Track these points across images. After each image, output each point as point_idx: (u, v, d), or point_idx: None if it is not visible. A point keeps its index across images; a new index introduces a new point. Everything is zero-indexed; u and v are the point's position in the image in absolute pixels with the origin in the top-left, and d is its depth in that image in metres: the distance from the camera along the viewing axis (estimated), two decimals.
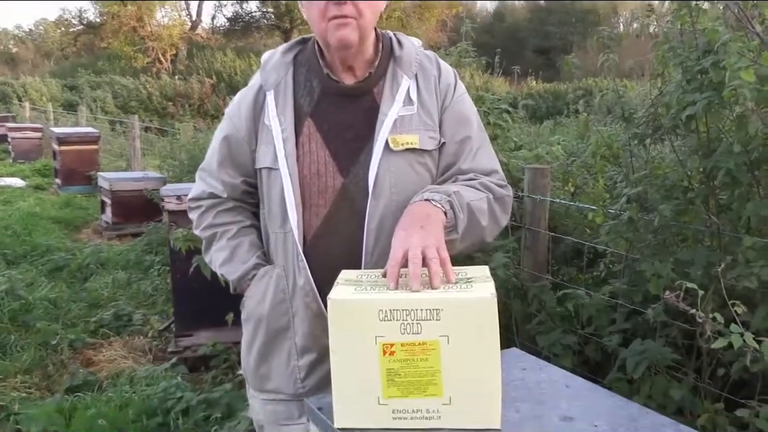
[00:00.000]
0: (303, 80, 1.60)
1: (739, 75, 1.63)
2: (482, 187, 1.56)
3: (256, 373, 1.69)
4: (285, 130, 1.56)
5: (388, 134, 1.53)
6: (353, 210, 1.55)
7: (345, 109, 1.57)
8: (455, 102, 1.62)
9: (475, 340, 1.21)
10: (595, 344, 2.67)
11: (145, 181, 7.12)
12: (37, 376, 3.84)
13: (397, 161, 1.54)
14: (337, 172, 1.55)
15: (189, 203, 1.80)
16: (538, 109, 17.81)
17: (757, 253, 1.97)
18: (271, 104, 1.58)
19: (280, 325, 1.63)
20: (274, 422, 1.69)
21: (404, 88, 1.57)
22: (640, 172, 2.47)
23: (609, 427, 1.23)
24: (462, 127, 1.62)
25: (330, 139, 1.56)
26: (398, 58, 1.60)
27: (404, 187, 1.54)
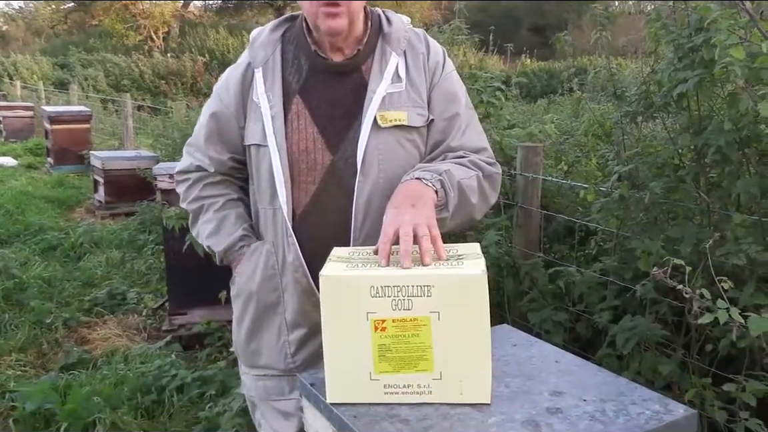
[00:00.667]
0: (291, 57, 1.60)
1: (728, 52, 1.64)
2: (472, 165, 1.57)
3: (247, 350, 1.71)
4: (273, 106, 1.56)
5: (377, 111, 1.54)
6: (342, 186, 1.56)
7: (333, 86, 1.58)
8: (444, 79, 1.63)
9: (465, 316, 1.22)
10: (586, 321, 2.69)
11: (138, 160, 7.09)
12: (31, 355, 3.85)
13: (385, 138, 1.55)
14: (325, 149, 1.56)
15: (176, 176, 1.80)
16: (532, 87, 17.75)
17: (746, 231, 1.98)
18: (260, 81, 1.59)
19: (270, 300, 1.64)
20: (266, 398, 1.71)
21: (393, 65, 1.58)
22: (631, 150, 2.48)
23: (597, 401, 1.25)
24: (451, 104, 1.62)
25: (318, 116, 1.57)
26: (387, 35, 1.61)
27: (392, 163, 1.55)
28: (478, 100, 3.15)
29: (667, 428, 1.17)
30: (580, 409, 1.22)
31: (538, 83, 18.97)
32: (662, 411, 1.21)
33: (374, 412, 1.23)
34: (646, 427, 1.16)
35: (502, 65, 16.02)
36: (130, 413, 3.08)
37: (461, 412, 1.23)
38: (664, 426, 1.17)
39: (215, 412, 2.97)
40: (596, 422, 1.17)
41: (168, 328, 4.05)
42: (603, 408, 1.22)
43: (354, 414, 1.23)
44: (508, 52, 5.88)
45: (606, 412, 1.21)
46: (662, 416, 1.19)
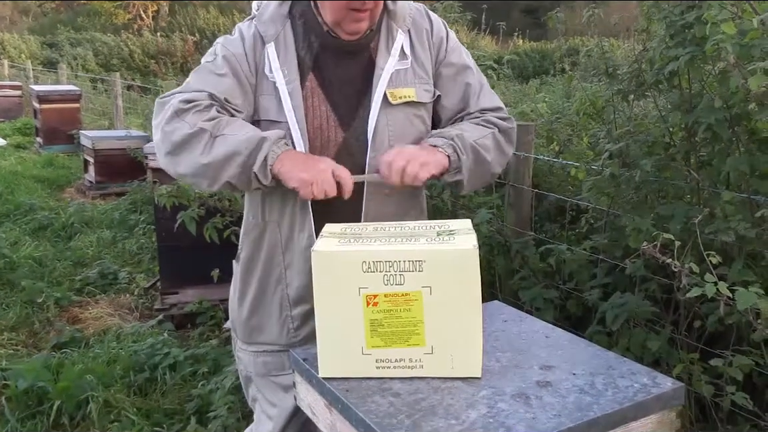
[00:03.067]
0: (302, 33, 1.59)
1: (719, 28, 1.64)
2: (486, 123, 1.63)
3: (248, 324, 1.72)
4: (290, 82, 1.55)
5: (386, 88, 1.57)
6: (354, 164, 1.56)
7: (344, 64, 1.59)
8: (450, 53, 1.67)
9: (457, 291, 1.23)
10: (577, 299, 2.71)
11: (128, 139, 7.05)
12: (23, 334, 3.85)
13: (395, 114, 1.58)
14: (338, 127, 1.58)
15: (180, 104, 1.50)
16: (525, 68, 17.68)
17: (735, 208, 2.00)
18: (273, 56, 1.56)
19: (272, 276, 1.65)
20: (265, 374, 1.72)
21: (399, 43, 1.60)
22: (622, 129, 2.49)
23: (587, 374, 1.27)
24: (460, 75, 1.67)
25: (331, 94, 1.58)
26: (392, 12, 1.62)
27: (402, 139, 1.59)
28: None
29: (655, 400, 1.19)
30: (569, 383, 1.24)
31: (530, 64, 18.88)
32: (650, 384, 1.23)
33: (366, 386, 1.25)
34: (634, 400, 1.18)
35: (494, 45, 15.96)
36: (123, 391, 3.08)
37: (452, 386, 1.24)
38: (652, 398, 1.19)
39: (208, 390, 2.98)
40: (585, 395, 1.19)
41: (160, 307, 4.05)
42: (592, 381, 1.24)
43: (346, 388, 1.24)
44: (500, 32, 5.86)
45: (595, 385, 1.22)
46: (650, 389, 1.21)
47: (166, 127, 1.50)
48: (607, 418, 1.14)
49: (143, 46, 22.66)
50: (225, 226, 3.29)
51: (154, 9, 29.45)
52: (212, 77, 1.55)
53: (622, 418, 1.16)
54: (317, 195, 1.43)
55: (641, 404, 1.18)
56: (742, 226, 1.91)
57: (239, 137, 1.45)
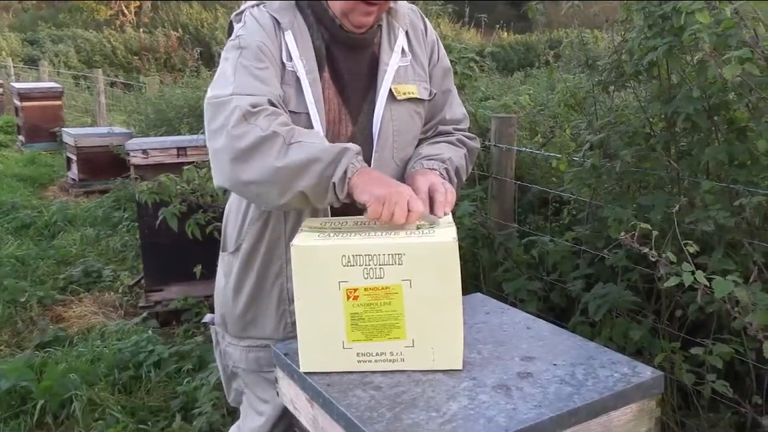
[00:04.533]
0: (313, 24, 1.57)
1: (694, 17, 1.65)
2: (459, 144, 1.71)
3: (243, 319, 1.69)
4: (310, 72, 1.52)
5: (391, 84, 1.59)
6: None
7: (352, 58, 1.60)
8: (441, 57, 1.73)
9: (436, 283, 1.24)
10: (560, 290, 2.72)
11: (111, 136, 6.99)
12: (6, 333, 3.82)
13: (399, 110, 1.60)
14: (348, 120, 1.59)
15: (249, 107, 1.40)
16: (509, 60, 17.71)
17: (714, 198, 2.01)
18: (292, 45, 1.52)
19: (271, 270, 1.64)
20: (257, 370, 1.70)
21: (401, 40, 1.63)
22: (603, 119, 2.50)
23: (568, 365, 1.28)
24: (446, 79, 1.75)
25: (342, 87, 1.58)
26: (393, 10, 1.64)
27: (405, 134, 1.63)
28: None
29: (635, 389, 1.20)
30: (550, 373, 1.24)
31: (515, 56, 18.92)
32: (630, 373, 1.24)
33: (347, 380, 1.25)
34: (614, 389, 1.19)
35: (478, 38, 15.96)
36: (107, 389, 3.07)
37: (433, 378, 1.25)
38: (632, 387, 1.20)
39: (193, 387, 2.97)
40: (566, 385, 1.20)
41: (144, 304, 4.03)
42: (573, 372, 1.25)
43: (327, 382, 1.24)
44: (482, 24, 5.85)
45: (576, 376, 1.23)
46: (630, 378, 1.22)
47: (233, 131, 1.38)
48: (588, 408, 1.15)
49: (126, 42, 22.45)
50: (207, 222, 3.27)
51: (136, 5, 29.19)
52: (259, 75, 1.47)
53: (602, 408, 1.16)
54: (385, 216, 1.32)
55: (621, 393, 1.19)
56: (721, 215, 1.92)
57: (318, 146, 1.37)
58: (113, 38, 22.43)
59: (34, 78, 14.02)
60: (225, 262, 1.74)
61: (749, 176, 2.03)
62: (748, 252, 2.02)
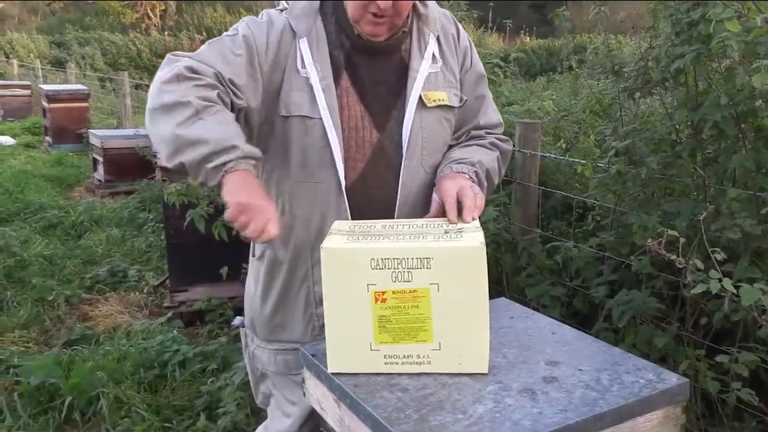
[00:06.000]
0: (334, 31, 1.58)
1: (724, 26, 1.65)
2: (492, 147, 1.69)
3: (271, 322, 1.71)
4: (324, 79, 1.54)
5: (421, 90, 1.58)
6: (388, 164, 1.58)
7: (376, 65, 1.59)
8: (475, 62, 1.71)
9: (464, 287, 1.25)
10: (583, 296, 2.72)
11: (137, 138, 7.08)
12: (34, 331, 3.89)
13: (428, 117, 1.60)
14: (373, 127, 1.58)
15: (185, 70, 1.46)
16: (532, 65, 17.64)
17: (741, 205, 2.00)
18: (306, 51, 1.54)
19: (298, 274, 1.65)
20: (285, 372, 1.72)
21: (431, 47, 1.62)
22: (629, 126, 2.49)
23: (593, 370, 1.28)
24: (479, 85, 1.72)
25: (365, 94, 1.58)
26: (423, 16, 1.63)
27: (434, 141, 1.62)
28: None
29: (661, 396, 1.20)
30: (575, 378, 1.25)
31: (537, 61, 18.84)
32: (655, 380, 1.24)
33: (374, 382, 1.26)
34: (639, 395, 1.19)
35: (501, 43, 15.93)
36: (133, 387, 3.11)
37: (459, 382, 1.26)
38: (657, 394, 1.20)
39: (217, 387, 3.01)
40: (591, 390, 1.20)
41: (169, 304, 4.08)
42: (598, 377, 1.25)
43: (355, 383, 1.26)
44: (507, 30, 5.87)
45: (601, 381, 1.24)
46: (655, 384, 1.22)
47: (162, 86, 1.45)
48: (613, 413, 1.15)
49: (151, 45, 22.73)
50: None
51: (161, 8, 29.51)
52: (226, 54, 1.51)
53: (627, 413, 1.17)
54: (238, 225, 1.35)
55: (647, 399, 1.19)
56: (748, 223, 1.91)
57: (217, 131, 1.39)
58: (138, 41, 22.73)
59: (62, 80, 14.22)
60: (254, 267, 1.76)
61: None
62: None
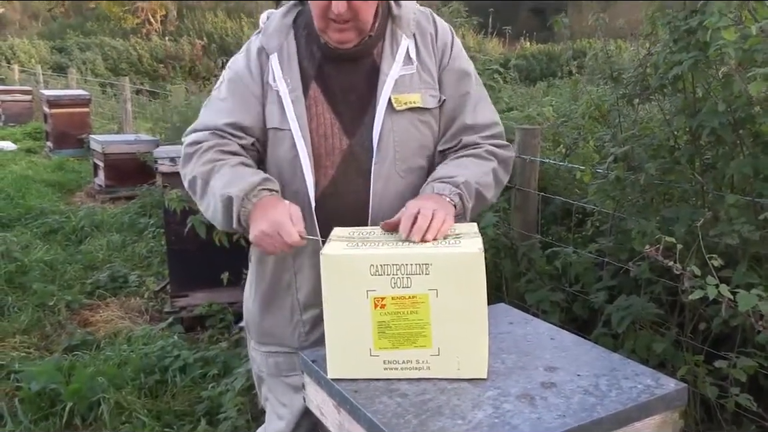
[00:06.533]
0: (305, 44, 1.61)
1: (720, 34, 1.66)
2: (488, 155, 1.62)
3: (260, 327, 1.74)
4: (293, 91, 1.57)
5: (390, 94, 1.57)
6: (359, 171, 1.58)
7: (347, 72, 1.60)
8: (453, 59, 1.66)
9: (463, 293, 1.26)
10: (583, 301, 2.73)
11: (138, 143, 7.10)
12: (35, 337, 3.89)
13: (399, 120, 1.58)
14: (343, 134, 1.59)
15: (186, 149, 1.62)
16: (532, 70, 17.68)
17: (739, 211, 2.01)
18: (276, 67, 1.59)
19: (282, 281, 1.67)
20: (277, 374, 1.74)
21: (404, 48, 1.60)
22: (627, 132, 2.51)
23: (591, 376, 1.29)
24: (461, 82, 1.66)
25: (335, 102, 1.60)
26: (396, 17, 1.62)
27: (408, 145, 1.60)
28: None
29: (659, 401, 1.21)
30: (574, 384, 1.26)
31: (537, 66, 18.87)
32: (654, 385, 1.25)
33: (374, 387, 1.27)
34: (638, 400, 1.20)
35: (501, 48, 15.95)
36: (134, 393, 3.12)
37: (458, 387, 1.27)
38: (655, 399, 1.21)
39: (218, 392, 3.01)
40: (590, 396, 1.21)
41: (170, 310, 4.09)
42: (596, 382, 1.26)
43: (354, 389, 1.27)
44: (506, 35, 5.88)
45: (599, 387, 1.25)
46: (654, 390, 1.23)
47: (181, 172, 1.65)
48: (611, 419, 1.16)
49: (152, 51, 22.78)
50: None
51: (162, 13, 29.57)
52: (216, 107, 1.64)
53: (626, 419, 1.18)
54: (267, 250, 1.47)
55: (645, 405, 1.20)
56: (746, 229, 1.92)
57: (218, 192, 1.50)
58: (139, 46, 22.77)
59: (63, 85, 14.26)
60: (249, 271, 1.79)
61: None
62: None
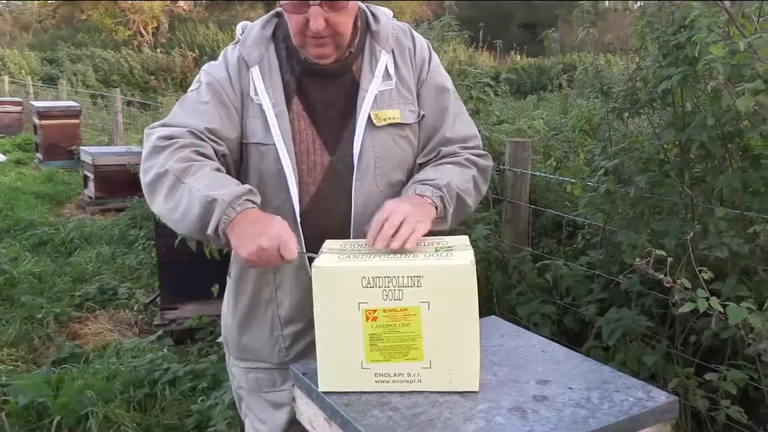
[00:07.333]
0: (285, 57, 1.59)
1: (708, 49, 1.67)
2: (468, 163, 1.61)
3: (239, 343, 1.72)
4: (276, 105, 1.55)
5: (370, 110, 1.55)
6: (341, 187, 1.56)
7: (327, 88, 1.58)
8: (432, 74, 1.65)
9: (454, 306, 1.25)
10: (574, 314, 2.73)
11: (129, 155, 7.08)
12: (23, 350, 3.86)
13: (379, 136, 1.56)
14: (324, 150, 1.57)
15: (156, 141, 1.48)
16: (522, 84, 17.79)
17: (728, 224, 2.03)
18: (258, 79, 1.56)
19: (263, 296, 1.65)
20: (256, 390, 1.72)
21: (383, 64, 1.59)
22: (617, 146, 2.52)
23: (583, 389, 1.29)
24: (439, 97, 1.65)
25: (316, 118, 1.57)
26: (375, 33, 1.61)
27: (388, 161, 1.58)
28: (468, 96, 3.18)
29: (650, 414, 1.21)
30: (566, 397, 1.26)
31: (528, 80, 18.99)
32: (645, 398, 1.25)
33: (365, 400, 1.27)
34: (629, 413, 1.19)
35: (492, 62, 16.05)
36: (123, 406, 3.09)
37: (450, 400, 1.26)
38: (647, 411, 1.21)
39: (207, 405, 2.99)
40: (581, 409, 1.21)
41: (159, 322, 4.07)
42: (588, 395, 1.26)
43: (345, 402, 1.26)
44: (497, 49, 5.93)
45: (591, 400, 1.24)
46: (645, 402, 1.23)
47: (144, 164, 1.49)
48: None
49: (143, 62, 22.76)
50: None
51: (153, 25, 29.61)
52: (196, 108, 1.55)
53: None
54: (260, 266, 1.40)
55: (636, 418, 1.19)
56: (736, 242, 1.93)
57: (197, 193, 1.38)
58: (131, 58, 22.74)
59: (53, 96, 14.22)
60: (228, 286, 1.76)
61: (763, 203, 2.04)
62: (762, 279, 2.03)
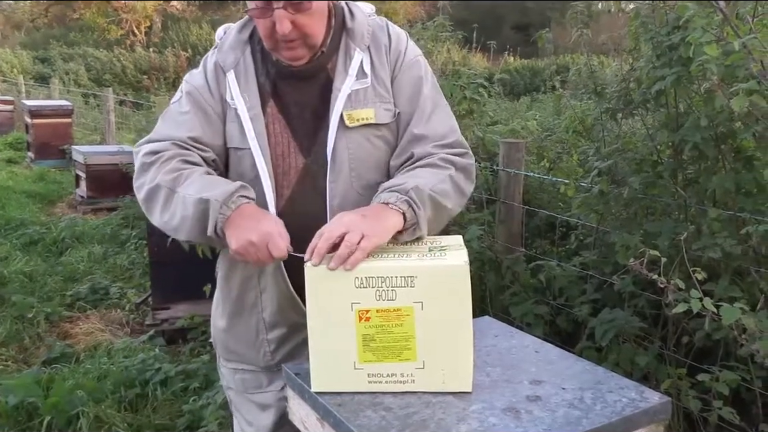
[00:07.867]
0: (260, 59, 1.57)
1: (703, 50, 1.68)
2: (443, 163, 1.52)
3: (226, 344, 1.71)
4: (251, 108, 1.53)
5: (342, 109, 1.52)
6: (316, 189, 1.54)
7: (301, 89, 1.56)
8: (406, 67, 1.58)
9: (448, 306, 1.25)
10: (567, 315, 2.73)
11: (121, 155, 7.05)
12: (13, 349, 3.83)
13: (353, 137, 1.52)
14: (299, 153, 1.54)
15: (143, 158, 1.50)
16: (515, 85, 17.81)
17: (721, 225, 2.03)
18: (233, 84, 1.54)
19: (248, 300, 1.63)
20: (243, 391, 1.71)
21: (357, 62, 1.55)
22: (611, 146, 2.53)
23: (576, 389, 1.29)
24: (414, 90, 1.58)
25: (291, 120, 1.55)
26: (350, 30, 1.57)
27: (363, 162, 1.53)
28: (461, 97, 3.18)
29: (643, 414, 1.21)
30: (559, 397, 1.25)
31: (521, 81, 19.02)
32: (638, 398, 1.25)
33: (358, 401, 1.26)
34: (622, 414, 1.19)
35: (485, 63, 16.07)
36: (114, 407, 3.07)
37: (443, 401, 1.26)
38: (639, 412, 1.21)
39: (199, 405, 2.98)
40: (574, 409, 1.21)
41: (151, 322, 4.05)
42: (581, 396, 1.26)
43: (338, 402, 1.25)
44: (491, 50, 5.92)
45: (584, 400, 1.24)
46: (638, 403, 1.23)
47: (135, 183, 1.52)
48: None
49: (136, 62, 22.68)
50: None
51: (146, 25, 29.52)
52: (176, 119, 1.56)
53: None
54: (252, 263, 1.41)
55: (629, 418, 1.19)
56: (728, 243, 1.94)
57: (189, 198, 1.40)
58: (123, 57, 22.66)
59: (45, 95, 14.15)
60: (217, 288, 1.75)
61: (756, 205, 2.05)
62: (755, 280, 2.03)
